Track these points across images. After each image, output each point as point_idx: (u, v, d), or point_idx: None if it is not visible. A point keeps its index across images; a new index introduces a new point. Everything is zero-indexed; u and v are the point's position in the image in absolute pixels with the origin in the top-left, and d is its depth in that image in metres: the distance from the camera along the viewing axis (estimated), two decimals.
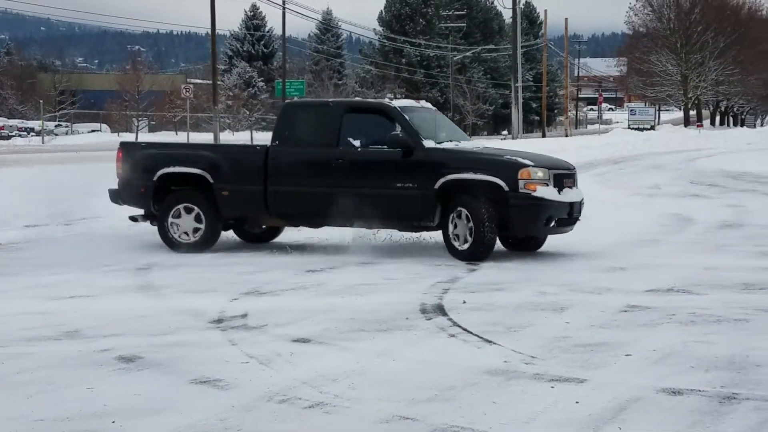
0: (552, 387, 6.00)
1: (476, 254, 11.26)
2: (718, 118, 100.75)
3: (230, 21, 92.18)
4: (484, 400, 5.73)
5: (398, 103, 12.73)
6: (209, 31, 43.91)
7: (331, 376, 6.24)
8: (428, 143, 11.65)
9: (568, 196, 11.55)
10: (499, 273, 10.54)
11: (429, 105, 13.27)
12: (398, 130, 11.71)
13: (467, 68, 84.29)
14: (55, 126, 64.26)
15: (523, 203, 11.16)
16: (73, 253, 11.99)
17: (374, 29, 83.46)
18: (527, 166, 11.33)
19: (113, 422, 5.36)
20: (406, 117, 11.83)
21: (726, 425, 5.27)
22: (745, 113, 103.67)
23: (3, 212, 14.85)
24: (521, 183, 11.16)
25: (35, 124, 60.36)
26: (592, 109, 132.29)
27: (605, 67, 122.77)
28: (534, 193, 11.18)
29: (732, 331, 7.53)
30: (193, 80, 77.23)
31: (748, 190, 21.97)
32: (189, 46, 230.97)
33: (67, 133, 61.79)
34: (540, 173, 11.33)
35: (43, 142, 50.26)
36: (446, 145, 11.92)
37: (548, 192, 11.29)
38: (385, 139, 11.65)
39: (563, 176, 11.67)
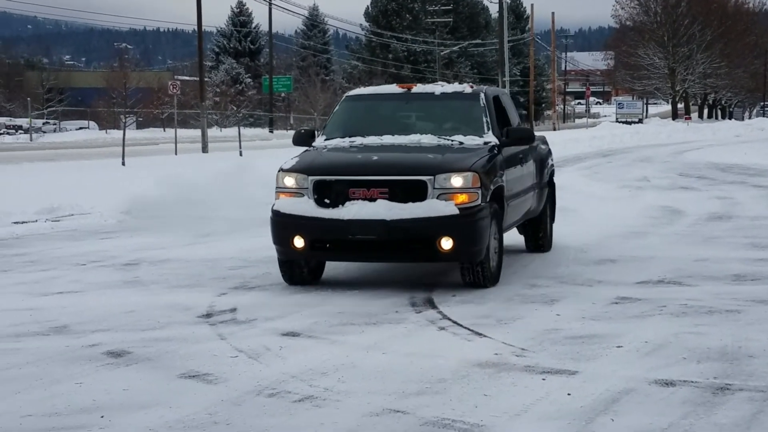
0: (543, 379, 5.96)
1: None
2: (706, 111, 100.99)
3: (217, 17, 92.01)
4: (474, 392, 5.70)
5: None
6: (196, 28, 43.74)
7: (321, 370, 6.20)
8: None
9: (346, 211, 8.53)
10: None
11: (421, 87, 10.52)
12: None
13: (454, 63, 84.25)
14: (43, 123, 63.92)
15: (270, 215, 9.07)
16: (61, 249, 11.94)
17: (361, 25, 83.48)
18: (282, 169, 9.06)
19: (102, 417, 5.31)
20: None
21: (719, 416, 5.24)
22: (732, 106, 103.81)
23: None
24: (276, 191, 9.10)
25: (23, 122, 60.04)
26: (579, 103, 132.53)
27: (592, 60, 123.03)
28: (274, 205, 9.04)
29: (724, 323, 7.50)
30: (180, 77, 76.95)
31: (736, 182, 21.99)
32: (176, 43, 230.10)
33: (55, 131, 61.48)
34: (289, 179, 8.91)
35: (31, 140, 49.97)
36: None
37: (291, 204, 8.82)
38: None
39: (353, 183, 8.64)
